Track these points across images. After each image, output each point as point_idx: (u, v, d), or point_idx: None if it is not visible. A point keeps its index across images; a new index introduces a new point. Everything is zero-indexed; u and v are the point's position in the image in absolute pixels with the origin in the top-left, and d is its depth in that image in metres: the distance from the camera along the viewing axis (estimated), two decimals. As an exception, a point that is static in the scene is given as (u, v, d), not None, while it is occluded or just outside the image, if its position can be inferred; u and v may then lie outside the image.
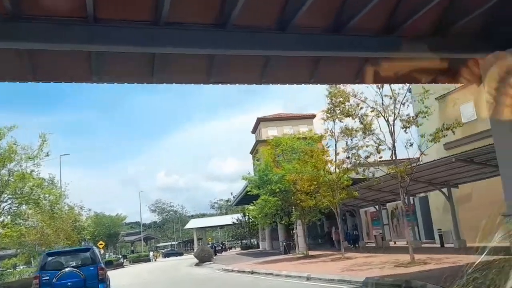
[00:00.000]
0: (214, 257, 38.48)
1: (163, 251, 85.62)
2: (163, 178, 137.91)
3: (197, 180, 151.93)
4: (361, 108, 15.18)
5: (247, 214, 58.21)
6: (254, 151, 51.76)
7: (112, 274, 17.36)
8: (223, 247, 56.86)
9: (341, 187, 17.51)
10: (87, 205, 39.92)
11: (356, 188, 18.88)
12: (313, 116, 51.30)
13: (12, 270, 33.80)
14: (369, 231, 30.19)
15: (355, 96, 15.12)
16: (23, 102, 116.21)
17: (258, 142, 48.99)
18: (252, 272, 19.16)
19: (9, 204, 22.01)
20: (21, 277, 23.89)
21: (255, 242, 57.15)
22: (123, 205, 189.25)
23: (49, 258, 11.25)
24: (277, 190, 20.64)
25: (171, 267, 36.33)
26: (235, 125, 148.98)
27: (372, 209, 28.92)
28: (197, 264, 33.45)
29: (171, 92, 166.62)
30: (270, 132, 49.58)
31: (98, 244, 44.78)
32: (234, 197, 60.10)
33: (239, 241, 67.32)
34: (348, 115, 15.50)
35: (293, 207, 22.03)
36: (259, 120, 49.75)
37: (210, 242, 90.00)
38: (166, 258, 67.89)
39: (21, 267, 42.24)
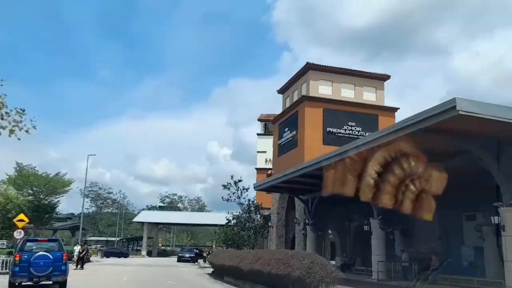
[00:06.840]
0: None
1: (94, 247, 64.29)
2: (87, 170, 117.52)
3: (124, 178, 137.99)
4: None
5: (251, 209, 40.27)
6: (288, 113, 34.27)
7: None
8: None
9: None
10: None
11: None
12: (386, 78, 35.17)
13: None
14: None
15: None
16: None
17: (304, 99, 31.73)
18: None
19: None
20: None
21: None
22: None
23: (28, 243, 14.86)
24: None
25: None
26: (166, 126, 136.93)
27: None
28: None
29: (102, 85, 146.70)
30: (323, 89, 32.70)
31: (16, 221, 24.71)
32: (235, 181, 41.31)
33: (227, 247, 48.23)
34: None
35: None
36: (308, 67, 32.53)
37: (160, 244, 70.36)
38: (105, 258, 48.97)
39: None
